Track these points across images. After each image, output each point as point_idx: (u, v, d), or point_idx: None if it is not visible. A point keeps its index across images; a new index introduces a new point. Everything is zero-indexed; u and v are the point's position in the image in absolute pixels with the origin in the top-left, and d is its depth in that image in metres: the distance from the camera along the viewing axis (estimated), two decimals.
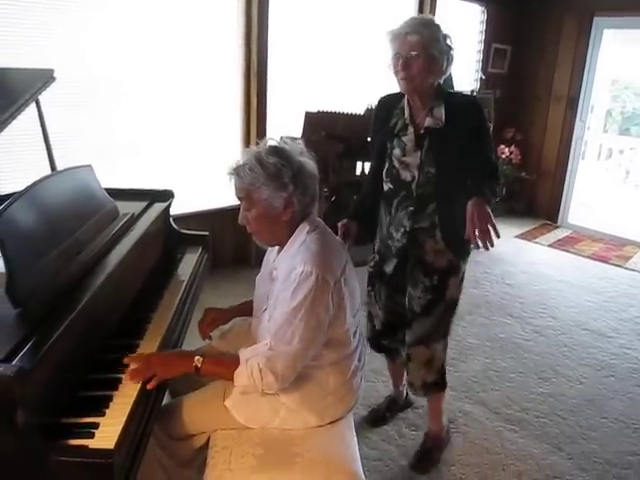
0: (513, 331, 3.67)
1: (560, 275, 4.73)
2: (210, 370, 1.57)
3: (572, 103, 5.86)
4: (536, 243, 5.59)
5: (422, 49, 1.92)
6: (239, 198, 1.61)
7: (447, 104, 2.04)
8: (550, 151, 6.16)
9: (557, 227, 6.12)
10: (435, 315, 2.20)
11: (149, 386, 1.44)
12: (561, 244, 5.58)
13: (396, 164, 2.15)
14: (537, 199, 6.37)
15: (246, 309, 1.99)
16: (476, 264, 4.85)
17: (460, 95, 2.12)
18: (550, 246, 5.52)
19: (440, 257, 2.14)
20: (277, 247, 1.71)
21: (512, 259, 5.08)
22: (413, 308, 2.22)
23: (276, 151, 1.55)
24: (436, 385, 2.34)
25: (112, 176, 2.50)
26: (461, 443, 2.54)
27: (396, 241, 2.19)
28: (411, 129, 2.09)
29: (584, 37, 5.66)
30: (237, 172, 1.56)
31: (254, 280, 1.90)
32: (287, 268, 1.56)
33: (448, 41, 1.98)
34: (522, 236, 5.77)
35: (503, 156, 5.95)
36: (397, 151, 2.13)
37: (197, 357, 1.54)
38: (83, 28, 3.24)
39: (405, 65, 1.94)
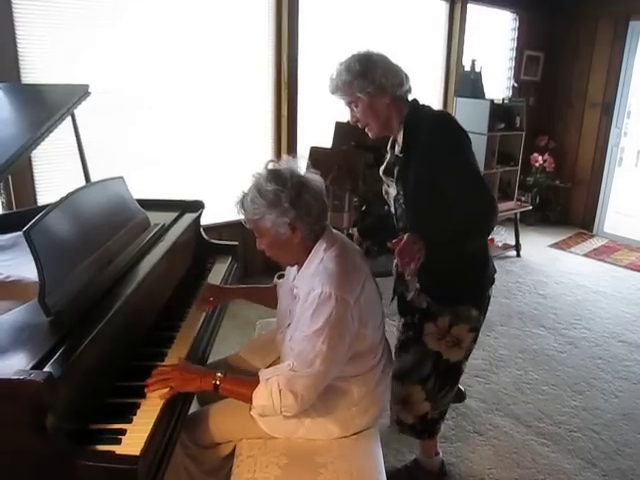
0: (546, 342, 3.60)
1: (595, 285, 4.63)
2: (229, 389, 1.55)
3: (607, 109, 5.75)
4: (571, 252, 5.48)
5: (351, 97, 1.79)
6: (250, 229, 1.62)
7: (406, 129, 1.82)
8: (585, 158, 6.04)
9: (592, 236, 5.99)
10: (413, 355, 2.01)
11: (162, 397, 1.43)
12: (597, 253, 5.46)
13: (385, 195, 2.05)
14: (572, 207, 6.25)
15: (250, 294, 2.06)
16: (508, 273, 4.79)
17: (426, 113, 1.83)
18: (585, 255, 5.40)
19: (420, 297, 1.95)
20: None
21: (545, 269, 4.99)
22: (399, 338, 2.10)
23: (274, 176, 1.53)
24: (412, 429, 2.14)
25: (145, 186, 2.57)
26: (491, 456, 2.50)
27: (392, 272, 2.13)
28: (388, 158, 1.99)
29: (619, 42, 5.55)
30: (241, 204, 1.58)
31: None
32: (307, 288, 1.55)
33: (373, 74, 1.74)
34: (556, 245, 5.66)
35: (537, 164, 5.87)
36: (385, 183, 2.03)
37: (219, 374, 1.53)
38: (115, 42, 3.34)
39: (354, 118, 1.85)
